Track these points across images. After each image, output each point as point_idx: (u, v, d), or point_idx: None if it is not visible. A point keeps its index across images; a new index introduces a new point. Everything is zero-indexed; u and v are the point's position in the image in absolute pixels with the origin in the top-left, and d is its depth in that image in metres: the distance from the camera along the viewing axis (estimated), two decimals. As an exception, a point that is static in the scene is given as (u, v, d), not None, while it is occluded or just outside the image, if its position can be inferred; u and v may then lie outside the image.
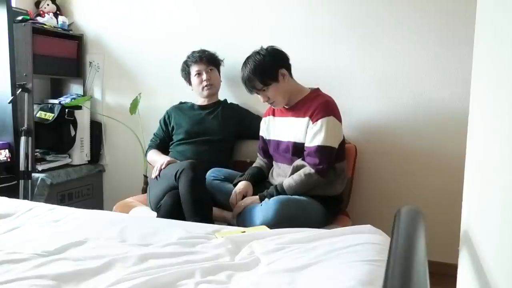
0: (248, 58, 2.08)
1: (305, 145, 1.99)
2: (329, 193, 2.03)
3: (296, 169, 2.01)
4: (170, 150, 2.47)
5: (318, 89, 2.13)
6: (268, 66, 2.03)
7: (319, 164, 1.94)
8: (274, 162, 2.21)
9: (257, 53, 2.07)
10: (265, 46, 2.10)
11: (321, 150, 1.93)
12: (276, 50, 2.10)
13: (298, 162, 2.01)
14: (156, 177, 2.20)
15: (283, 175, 2.10)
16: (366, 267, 1.17)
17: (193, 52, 2.52)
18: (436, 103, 2.31)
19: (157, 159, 2.33)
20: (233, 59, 2.60)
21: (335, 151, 1.98)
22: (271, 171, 2.24)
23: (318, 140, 1.94)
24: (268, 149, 2.22)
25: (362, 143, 2.42)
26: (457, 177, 1.48)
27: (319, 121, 1.95)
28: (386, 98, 2.40)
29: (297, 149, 2.03)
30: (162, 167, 2.19)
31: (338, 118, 2.02)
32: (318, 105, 2.00)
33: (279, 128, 2.15)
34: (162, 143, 2.49)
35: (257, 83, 2.03)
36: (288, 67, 2.10)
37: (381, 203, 2.42)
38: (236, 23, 2.70)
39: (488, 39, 1.04)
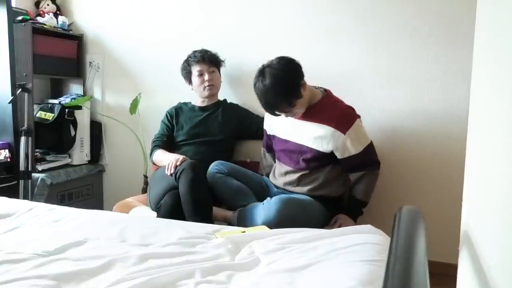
0: (261, 84, 1.90)
1: (351, 154, 1.97)
2: (330, 193, 2.05)
3: (358, 181, 2.07)
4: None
5: (330, 92, 2.10)
6: (291, 84, 1.90)
7: (376, 160, 2.08)
8: (277, 161, 2.20)
9: (272, 75, 1.88)
10: (271, 62, 1.94)
11: (369, 147, 2.03)
12: (290, 62, 1.95)
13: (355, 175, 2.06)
14: (171, 174, 2.09)
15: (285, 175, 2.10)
16: (366, 267, 1.17)
17: (195, 51, 2.51)
18: (436, 103, 2.31)
19: (166, 157, 2.27)
20: (234, 59, 2.59)
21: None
22: (273, 170, 2.23)
23: (362, 144, 2.00)
24: (272, 144, 2.21)
25: (362, 143, 2.41)
26: (457, 177, 1.48)
27: (351, 130, 1.96)
28: (386, 98, 2.40)
29: (315, 157, 2.00)
30: (178, 164, 2.09)
31: (358, 117, 2.05)
32: (341, 114, 1.99)
33: (287, 126, 2.10)
34: (169, 141, 2.45)
35: (283, 106, 1.93)
36: (303, 75, 1.98)
37: (381, 203, 2.41)
38: (237, 22, 2.69)
39: (488, 39, 1.04)
